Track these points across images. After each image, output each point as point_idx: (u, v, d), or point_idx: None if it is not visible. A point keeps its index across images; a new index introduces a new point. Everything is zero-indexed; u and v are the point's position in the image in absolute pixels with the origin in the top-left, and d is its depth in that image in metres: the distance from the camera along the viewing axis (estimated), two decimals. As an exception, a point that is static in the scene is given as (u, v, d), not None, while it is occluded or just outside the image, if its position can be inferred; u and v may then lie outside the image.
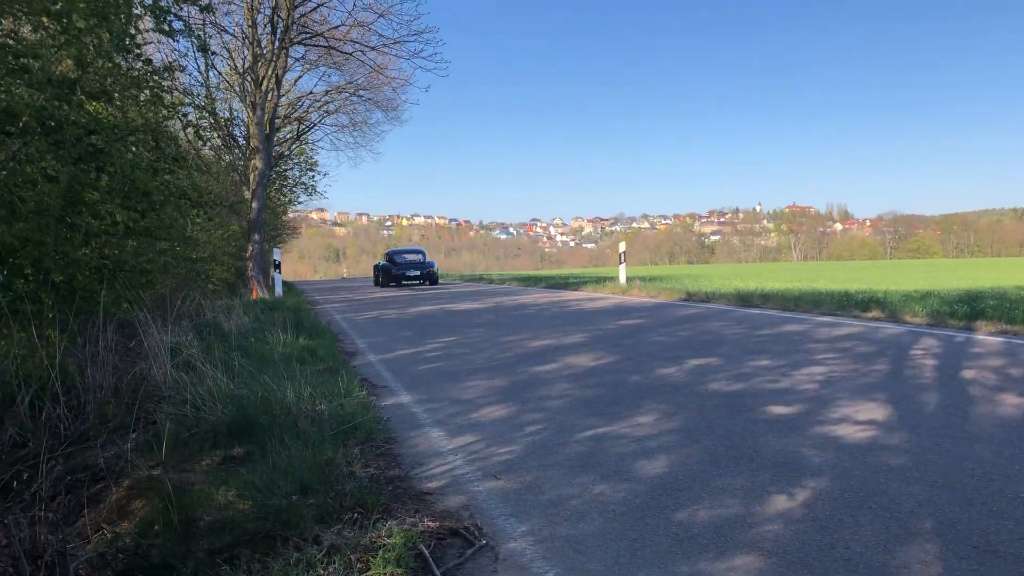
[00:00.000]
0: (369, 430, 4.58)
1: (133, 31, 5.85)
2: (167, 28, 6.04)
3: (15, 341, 4.75)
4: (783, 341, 8.24)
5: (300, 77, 27.29)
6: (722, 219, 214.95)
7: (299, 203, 38.47)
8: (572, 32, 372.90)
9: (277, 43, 19.71)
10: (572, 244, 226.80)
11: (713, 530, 2.92)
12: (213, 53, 8.17)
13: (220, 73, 23.33)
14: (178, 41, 6.41)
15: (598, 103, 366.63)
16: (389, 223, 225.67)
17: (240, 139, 24.96)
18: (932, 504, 3.10)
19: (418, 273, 27.63)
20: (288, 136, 30.26)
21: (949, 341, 7.92)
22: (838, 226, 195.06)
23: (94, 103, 5.94)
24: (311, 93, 28.89)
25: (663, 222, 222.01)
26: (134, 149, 6.42)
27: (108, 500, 3.84)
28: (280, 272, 20.21)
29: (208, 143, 23.01)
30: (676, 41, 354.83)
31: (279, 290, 19.27)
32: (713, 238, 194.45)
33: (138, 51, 6.12)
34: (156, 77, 6.37)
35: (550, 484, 3.58)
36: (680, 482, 3.52)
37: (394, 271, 27.52)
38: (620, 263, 21.55)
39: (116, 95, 6.00)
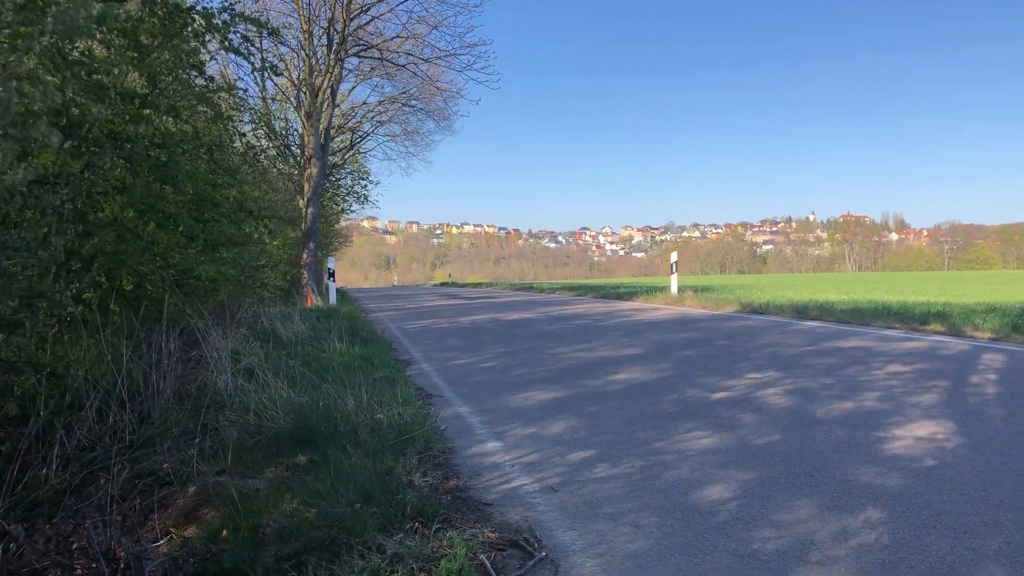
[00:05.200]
0: (427, 440, 4.63)
1: (199, 46, 6.02)
2: (229, 45, 6.17)
3: (84, 348, 4.90)
4: (841, 355, 8.11)
5: (354, 88, 27.84)
6: (775, 228, 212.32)
7: (351, 212, 39.02)
8: (622, 40, 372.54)
9: (333, 55, 20.05)
10: (622, 253, 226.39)
11: (774, 549, 2.90)
12: (275, 71, 8.28)
13: (276, 84, 23.80)
14: (241, 57, 6.47)
15: (648, 112, 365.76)
16: (439, 231, 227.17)
17: (294, 149, 25.41)
18: (998, 525, 3.04)
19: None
20: (341, 146, 30.79)
21: (1013, 356, 7.73)
22: (894, 236, 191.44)
23: (160, 117, 6.12)
24: (365, 103, 29.51)
25: (714, 231, 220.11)
26: (196, 163, 6.59)
27: (175, 505, 3.96)
28: (334, 280, 20.50)
29: (264, 154, 23.50)
30: (728, 48, 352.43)
31: (333, 298, 19.55)
32: (765, 248, 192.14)
33: (202, 68, 6.29)
34: (223, 93, 6.53)
35: (608, 497, 3.59)
36: (739, 498, 3.51)
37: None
38: (672, 273, 21.42)
39: (184, 111, 6.16)
